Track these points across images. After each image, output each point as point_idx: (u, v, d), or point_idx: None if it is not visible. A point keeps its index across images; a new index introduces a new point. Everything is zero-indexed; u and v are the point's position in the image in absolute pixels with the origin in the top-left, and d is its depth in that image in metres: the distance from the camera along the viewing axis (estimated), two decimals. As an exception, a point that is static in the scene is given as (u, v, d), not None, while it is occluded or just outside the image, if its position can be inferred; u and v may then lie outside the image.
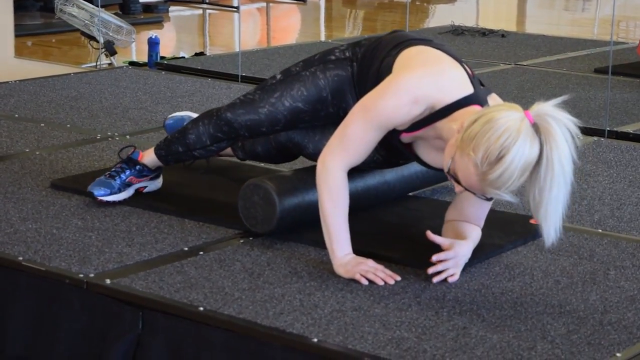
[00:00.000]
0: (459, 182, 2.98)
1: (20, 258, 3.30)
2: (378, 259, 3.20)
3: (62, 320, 3.19)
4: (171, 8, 10.31)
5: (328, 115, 3.49)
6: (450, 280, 3.12)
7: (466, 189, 2.99)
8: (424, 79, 3.14)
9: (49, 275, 3.22)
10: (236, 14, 10.32)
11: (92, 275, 3.17)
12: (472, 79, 3.20)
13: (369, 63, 3.37)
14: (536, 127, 2.85)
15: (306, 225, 3.45)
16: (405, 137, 3.21)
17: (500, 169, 2.82)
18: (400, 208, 3.74)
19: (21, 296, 3.28)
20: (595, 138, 4.86)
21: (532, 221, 3.62)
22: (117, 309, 3.08)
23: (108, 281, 3.13)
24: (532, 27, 10.43)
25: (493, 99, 3.21)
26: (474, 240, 3.21)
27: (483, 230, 3.35)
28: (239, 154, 3.96)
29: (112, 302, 3.09)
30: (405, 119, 3.13)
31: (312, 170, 3.41)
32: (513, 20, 11.11)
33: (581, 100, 5.65)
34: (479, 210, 3.26)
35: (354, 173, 3.35)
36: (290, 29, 10.62)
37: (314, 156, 3.58)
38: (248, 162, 4.15)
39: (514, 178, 2.84)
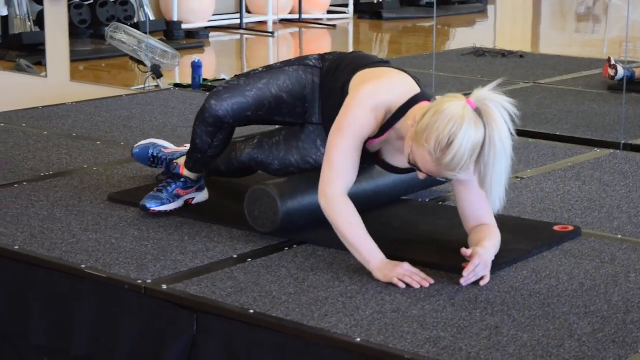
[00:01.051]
0: (420, 170, 3.11)
1: (83, 266, 3.32)
2: (413, 263, 3.21)
3: (123, 323, 3.20)
4: (211, 34, 10.32)
5: (297, 115, 3.65)
6: (481, 283, 3.13)
7: (428, 175, 3.11)
8: (377, 87, 3.32)
9: (110, 282, 3.24)
10: (271, 39, 10.33)
11: (149, 281, 3.19)
12: (419, 82, 3.36)
13: (332, 79, 3.55)
14: (478, 112, 3.00)
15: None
16: (374, 144, 3.33)
17: (452, 153, 2.96)
18: (431, 217, 3.76)
19: (84, 301, 3.30)
20: (612, 150, 4.85)
21: (555, 228, 3.65)
22: (173, 312, 3.09)
23: (164, 286, 3.15)
24: (547, 48, 10.38)
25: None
26: (494, 242, 3.24)
27: (511, 237, 3.40)
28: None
29: (168, 305, 3.11)
30: (373, 125, 3.27)
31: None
32: (529, 41, 11.08)
33: (597, 116, 5.65)
34: (478, 204, 3.29)
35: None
36: (321, 52, 10.63)
37: (280, 172, 3.72)
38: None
39: (465, 159, 2.99)
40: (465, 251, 3.16)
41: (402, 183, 3.82)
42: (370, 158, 3.40)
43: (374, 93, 3.29)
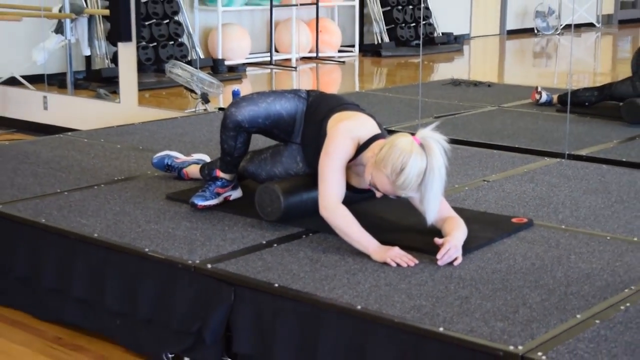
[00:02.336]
0: (378, 190, 3.21)
1: (147, 249, 3.35)
2: (402, 247, 3.22)
3: (177, 294, 3.22)
4: (248, 68, 10.34)
5: (287, 132, 3.72)
6: (455, 263, 3.15)
7: (384, 194, 3.22)
8: (353, 124, 3.46)
9: (166, 262, 3.26)
10: (294, 72, 10.35)
11: (197, 261, 3.21)
12: (378, 124, 3.50)
13: (314, 112, 3.66)
14: (422, 146, 3.10)
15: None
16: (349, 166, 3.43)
17: (403, 177, 3.09)
18: (415, 211, 3.75)
19: (147, 277, 3.33)
20: (558, 159, 4.84)
21: (513, 220, 3.65)
22: (215, 285, 3.12)
23: (209, 265, 3.17)
24: (509, 79, 10.37)
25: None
26: (462, 230, 3.28)
27: (478, 227, 3.46)
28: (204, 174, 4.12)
29: (212, 280, 3.13)
30: (351, 152, 3.37)
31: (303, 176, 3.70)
32: (495, 74, 11.07)
33: (547, 132, 5.63)
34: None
35: None
36: (333, 83, 10.62)
37: (266, 180, 3.75)
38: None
39: (414, 181, 3.12)
40: (437, 240, 3.22)
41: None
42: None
43: (351, 128, 3.40)
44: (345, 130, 3.38)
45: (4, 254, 3.83)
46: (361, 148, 3.36)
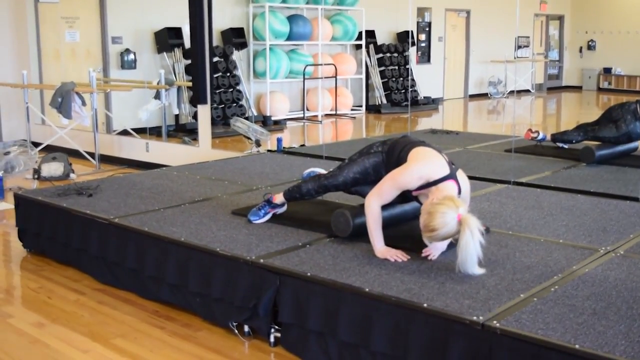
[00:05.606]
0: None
1: (218, 249, 3.35)
2: (398, 248, 3.21)
3: (237, 280, 3.20)
4: (288, 122, 10.42)
5: (372, 181, 3.45)
6: (432, 258, 3.13)
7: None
8: (423, 167, 3.13)
9: (231, 258, 3.25)
10: (320, 125, 10.40)
11: (253, 257, 3.20)
12: (449, 163, 3.17)
13: (392, 154, 3.35)
14: (460, 222, 2.83)
15: (364, 235, 3.46)
16: (415, 193, 3.20)
17: (430, 234, 2.91)
18: (410, 225, 3.75)
19: (217, 268, 3.30)
20: (506, 185, 4.82)
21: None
22: (266, 274, 3.11)
23: (262, 260, 3.16)
24: (472, 129, 10.36)
25: (460, 173, 3.21)
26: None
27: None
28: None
29: (263, 271, 3.12)
30: (412, 186, 3.12)
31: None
32: (462, 125, 11.06)
33: (498, 166, 5.61)
34: None
35: (389, 207, 3.37)
36: (348, 132, 10.64)
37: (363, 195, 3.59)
38: (326, 198, 4.16)
39: (437, 240, 2.95)
40: (425, 250, 3.17)
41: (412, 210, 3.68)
42: (410, 198, 3.29)
43: (420, 169, 3.12)
44: (417, 169, 3.12)
45: (120, 252, 3.86)
46: (431, 184, 3.09)
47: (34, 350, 3.14)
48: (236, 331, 3.25)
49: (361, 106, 11.74)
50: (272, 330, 3.12)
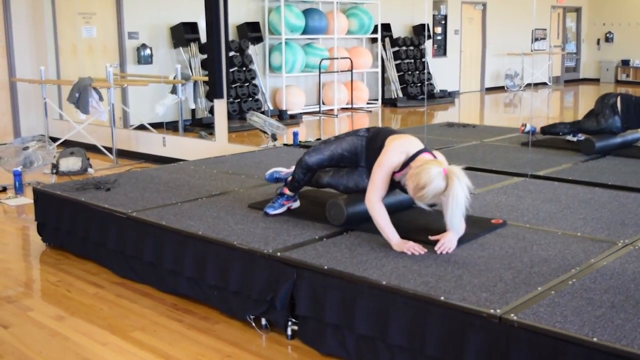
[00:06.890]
0: (407, 192, 3.14)
1: (235, 242, 3.36)
2: (414, 241, 3.20)
3: (256, 273, 3.20)
4: (304, 116, 10.41)
5: (351, 162, 3.57)
6: (448, 252, 3.13)
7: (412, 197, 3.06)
8: (401, 143, 3.26)
9: (249, 251, 3.24)
10: (336, 119, 10.39)
11: (270, 250, 3.21)
12: (423, 142, 3.31)
13: (373, 142, 3.45)
14: (446, 176, 2.91)
15: (360, 223, 3.44)
16: (397, 177, 3.26)
17: (420, 193, 2.96)
18: (426, 215, 3.73)
19: (235, 261, 3.30)
20: (523, 178, 4.80)
21: (492, 221, 3.62)
22: (283, 267, 3.11)
23: (279, 253, 3.16)
24: (488, 122, 10.29)
25: (437, 154, 3.28)
26: (454, 231, 3.15)
27: (467, 226, 3.29)
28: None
29: (280, 264, 3.13)
30: (397, 162, 3.21)
31: (360, 194, 3.51)
32: (478, 118, 11.00)
33: (515, 159, 5.58)
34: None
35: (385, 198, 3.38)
36: (363, 125, 10.58)
37: (343, 190, 3.67)
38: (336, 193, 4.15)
39: (428, 199, 2.98)
40: (432, 237, 3.19)
41: (410, 199, 3.77)
42: (395, 185, 3.34)
43: (400, 144, 3.24)
44: (396, 146, 3.24)
45: (138, 246, 3.88)
46: (410, 159, 3.20)
47: (54, 343, 3.17)
48: (254, 324, 3.26)
49: (377, 100, 11.70)
50: (290, 323, 3.13)
